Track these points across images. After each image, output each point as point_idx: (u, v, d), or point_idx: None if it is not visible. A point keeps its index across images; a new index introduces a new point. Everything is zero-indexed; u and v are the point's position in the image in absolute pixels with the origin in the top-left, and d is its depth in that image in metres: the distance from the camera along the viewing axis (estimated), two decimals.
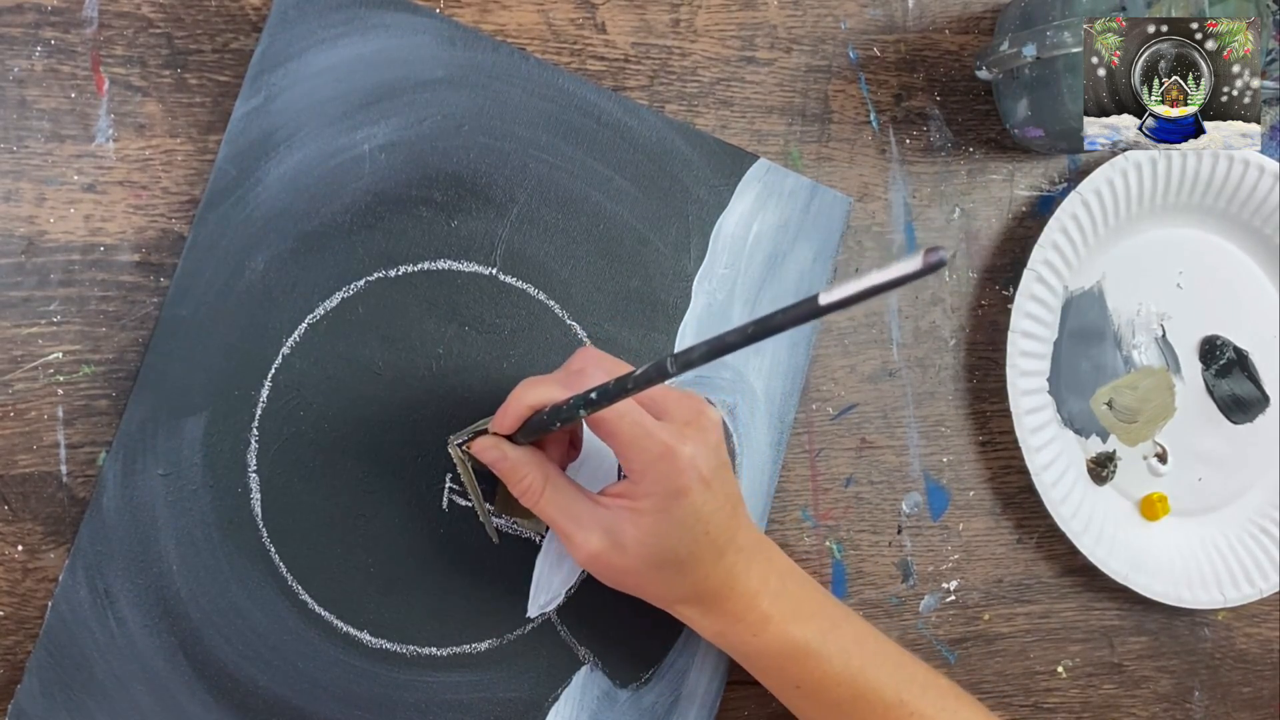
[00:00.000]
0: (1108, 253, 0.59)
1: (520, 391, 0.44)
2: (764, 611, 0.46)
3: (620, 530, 0.44)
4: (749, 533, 0.46)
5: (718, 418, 0.45)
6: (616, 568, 0.45)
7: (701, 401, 0.45)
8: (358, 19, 0.49)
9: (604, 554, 0.44)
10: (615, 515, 0.44)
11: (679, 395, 0.45)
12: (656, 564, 0.44)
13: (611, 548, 0.44)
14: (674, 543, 0.44)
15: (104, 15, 0.47)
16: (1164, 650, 0.60)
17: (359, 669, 0.48)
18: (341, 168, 0.49)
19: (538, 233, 0.51)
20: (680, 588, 0.46)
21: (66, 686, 0.46)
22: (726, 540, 0.45)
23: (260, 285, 0.48)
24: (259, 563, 0.47)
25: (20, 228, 0.46)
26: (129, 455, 0.46)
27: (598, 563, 0.45)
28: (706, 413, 0.45)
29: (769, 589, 0.46)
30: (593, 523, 0.44)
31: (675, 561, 0.44)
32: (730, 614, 0.46)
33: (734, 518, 0.45)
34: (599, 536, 0.44)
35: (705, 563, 0.45)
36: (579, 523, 0.44)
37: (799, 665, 0.47)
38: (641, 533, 0.43)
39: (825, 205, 0.55)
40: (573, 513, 0.45)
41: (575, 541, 0.45)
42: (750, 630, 0.46)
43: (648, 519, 0.43)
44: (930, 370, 0.57)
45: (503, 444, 0.45)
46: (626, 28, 0.53)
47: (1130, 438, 0.60)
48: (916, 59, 0.57)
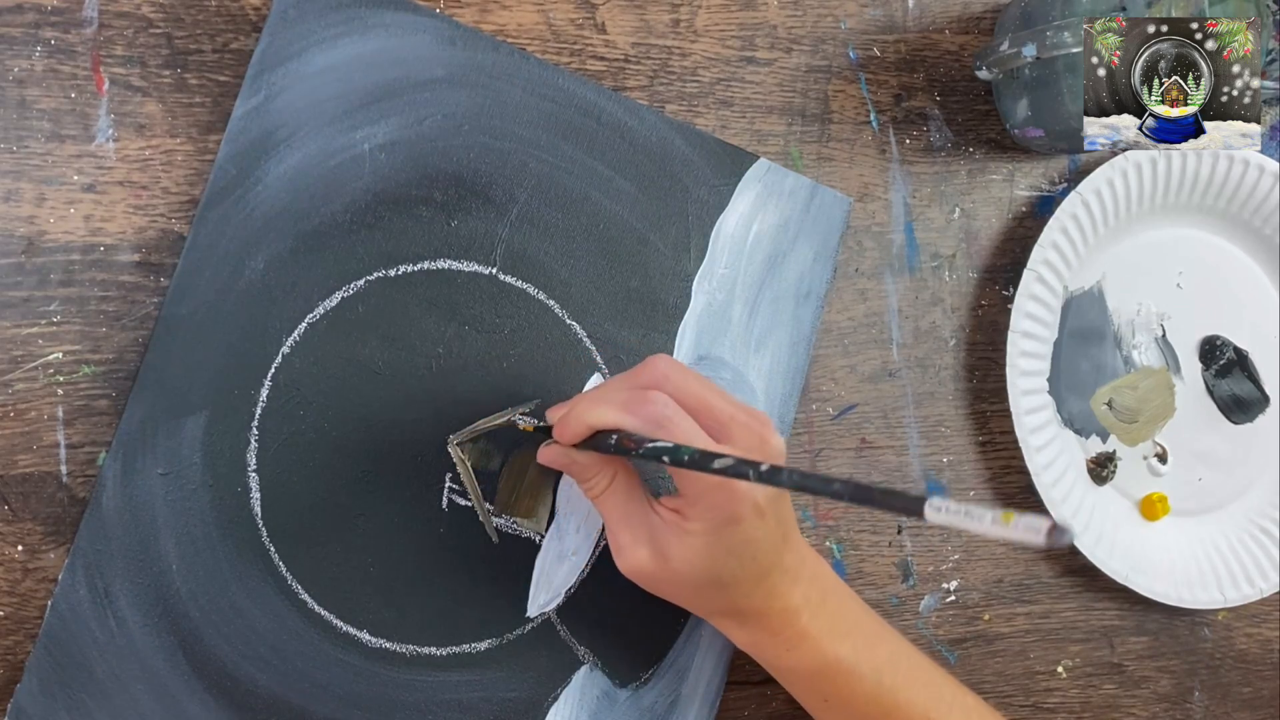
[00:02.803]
0: (1108, 253, 0.59)
1: (583, 408, 0.43)
2: (801, 628, 0.45)
3: (667, 544, 0.43)
4: (796, 553, 0.46)
5: (780, 446, 0.44)
6: (658, 579, 0.44)
7: (766, 427, 0.44)
8: (357, 18, 0.49)
9: (647, 566, 0.44)
10: (666, 529, 0.43)
11: (745, 419, 0.44)
12: (699, 583, 0.44)
13: (655, 561, 0.44)
14: (719, 566, 0.43)
15: (104, 15, 0.47)
16: (1164, 650, 0.60)
17: (358, 668, 0.48)
18: (341, 167, 0.49)
19: (538, 232, 0.51)
20: (719, 604, 0.46)
21: (66, 686, 0.46)
22: (773, 564, 0.44)
23: (260, 285, 0.48)
24: (259, 562, 0.47)
25: (20, 228, 0.46)
26: (129, 455, 0.46)
27: (639, 574, 0.45)
28: (770, 441, 0.44)
29: (809, 606, 0.46)
30: (642, 531, 0.44)
31: (718, 582, 0.44)
32: (767, 629, 0.46)
33: (784, 542, 0.45)
34: (645, 548, 0.44)
35: (747, 584, 0.44)
36: (630, 527, 0.44)
37: (830, 682, 0.46)
38: (688, 551, 0.43)
39: (825, 205, 0.55)
40: (628, 515, 0.44)
41: (622, 547, 0.44)
42: (785, 645, 0.46)
43: (697, 540, 0.43)
44: (930, 370, 0.57)
45: (570, 450, 0.45)
46: (626, 28, 0.53)
47: (1130, 438, 0.60)
48: (916, 59, 0.57)
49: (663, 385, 0.43)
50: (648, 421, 0.42)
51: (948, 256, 0.57)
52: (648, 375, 0.44)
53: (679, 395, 0.43)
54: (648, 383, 0.43)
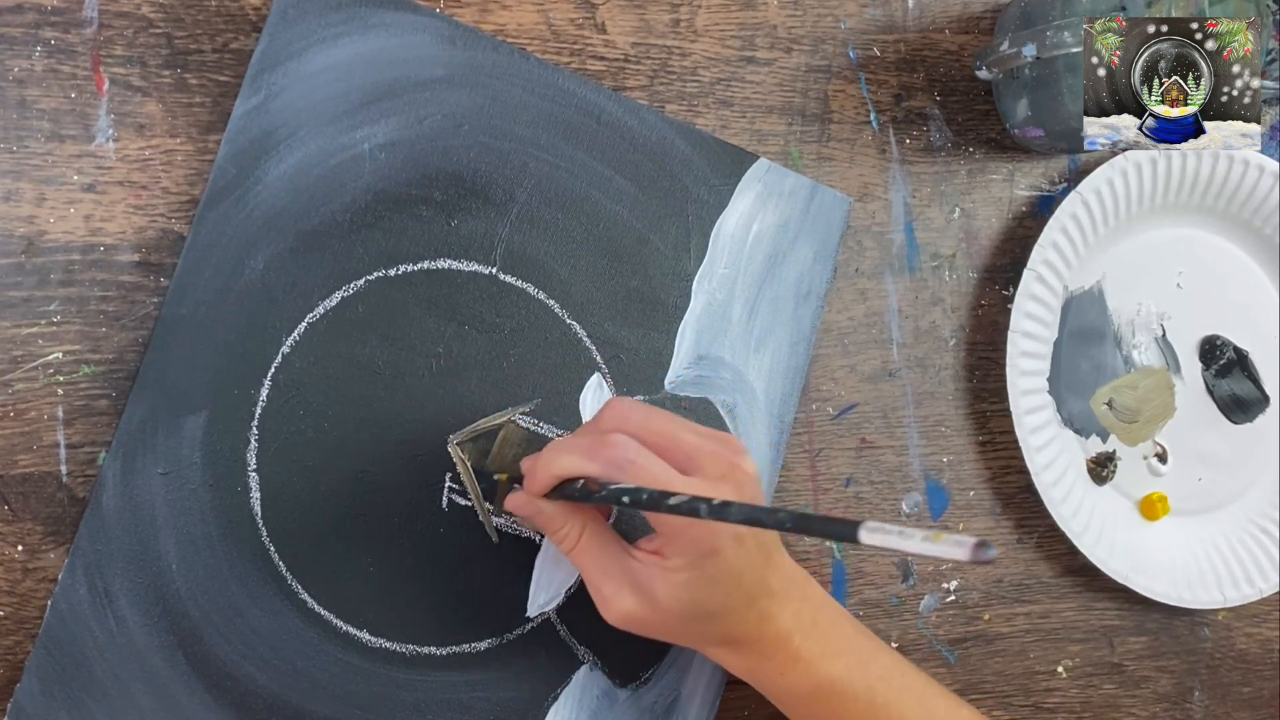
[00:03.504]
0: (1108, 253, 0.59)
1: (548, 458, 0.43)
2: (794, 651, 0.46)
3: (651, 587, 0.43)
4: (783, 574, 0.46)
5: (754, 470, 0.44)
6: (648, 623, 0.44)
7: (737, 452, 0.44)
8: (357, 18, 0.49)
9: (635, 613, 0.44)
10: (647, 571, 0.43)
11: (713, 448, 0.43)
12: (688, 618, 0.44)
13: (642, 605, 0.44)
14: (705, 597, 0.43)
15: (104, 15, 0.47)
16: (1164, 650, 0.60)
17: (358, 668, 0.48)
18: (341, 167, 0.49)
19: (538, 232, 0.51)
20: (712, 634, 0.46)
21: (66, 685, 0.46)
22: (759, 589, 0.44)
23: (260, 284, 0.48)
24: (258, 562, 0.47)
25: (20, 228, 0.46)
26: (129, 455, 0.46)
27: (629, 621, 0.45)
28: (741, 466, 0.44)
29: (800, 628, 0.46)
30: (623, 579, 0.44)
31: (707, 614, 0.44)
32: (760, 654, 0.46)
33: (767, 565, 0.45)
34: (630, 595, 0.44)
35: (737, 612, 0.44)
36: (611, 577, 0.44)
37: (824, 703, 0.46)
38: (673, 589, 0.43)
39: (825, 205, 0.55)
40: (605, 566, 0.44)
41: (605, 597, 0.44)
42: (778, 669, 0.46)
43: (680, 575, 0.43)
44: (930, 370, 0.57)
45: (537, 500, 0.45)
46: (626, 28, 0.53)
47: (1130, 438, 0.60)
48: (916, 59, 0.57)
49: (623, 427, 0.43)
50: (609, 465, 0.42)
51: (948, 256, 0.57)
52: (608, 419, 0.44)
53: (642, 433, 0.43)
54: (609, 426, 0.43)
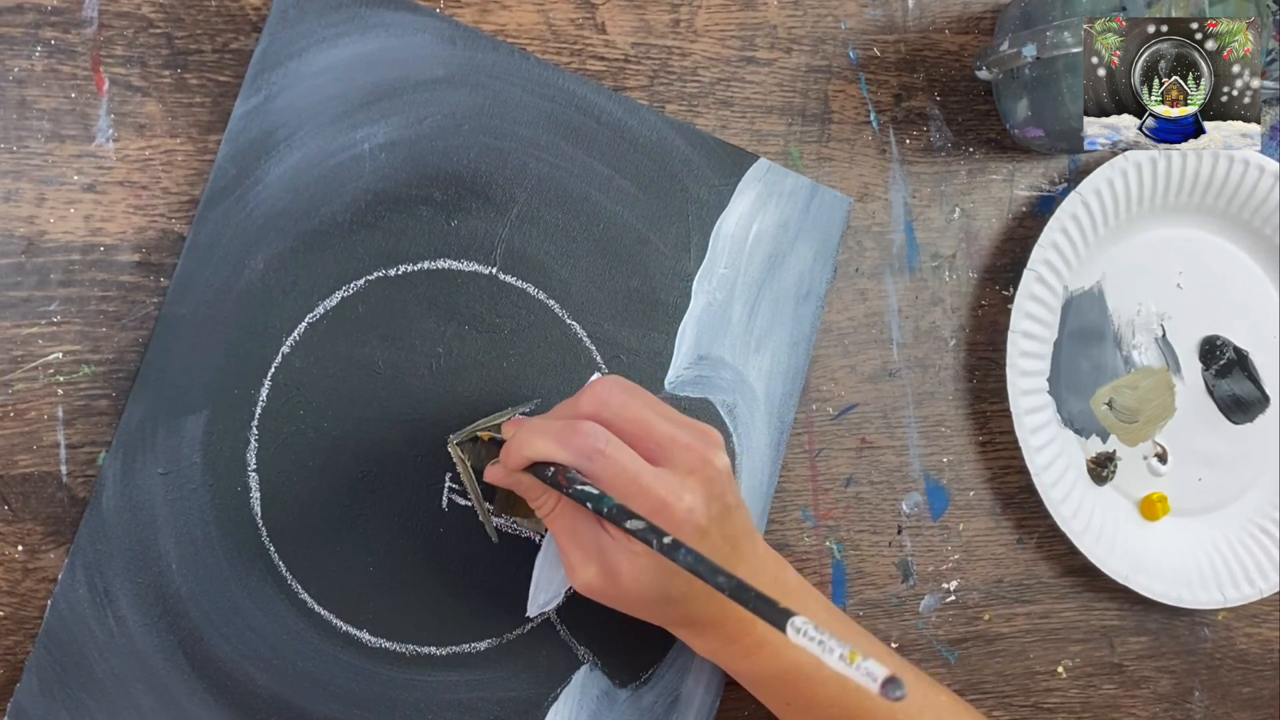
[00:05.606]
0: (1108, 253, 0.59)
1: (521, 438, 0.43)
2: (758, 635, 0.46)
3: (616, 563, 0.43)
4: (751, 563, 0.46)
5: (724, 465, 0.44)
6: (609, 596, 0.45)
7: (710, 446, 0.44)
8: (358, 18, 0.49)
9: (597, 585, 0.44)
10: (615, 548, 0.43)
11: (687, 440, 0.43)
12: (649, 599, 0.44)
13: (605, 580, 0.44)
14: (666, 583, 0.44)
15: (104, 15, 0.47)
16: (1164, 650, 0.60)
17: (358, 668, 0.48)
18: (341, 167, 0.49)
19: (538, 232, 0.51)
20: (673, 616, 0.46)
21: (66, 685, 0.46)
22: None
23: (260, 284, 0.48)
24: (258, 562, 0.47)
25: (20, 228, 0.46)
26: (129, 454, 0.46)
27: (591, 592, 0.45)
28: (712, 461, 0.43)
29: None
30: (592, 550, 0.44)
31: (668, 599, 0.44)
32: (723, 637, 0.46)
33: (733, 556, 0.44)
34: (594, 567, 0.44)
35: (699, 598, 0.44)
36: (580, 547, 0.44)
37: (791, 686, 0.47)
38: (636, 570, 0.43)
39: (825, 205, 0.55)
40: (577, 535, 0.44)
41: (573, 565, 0.45)
42: (742, 652, 0.46)
43: (644, 559, 0.43)
44: (930, 370, 0.57)
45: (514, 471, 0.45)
46: (626, 28, 0.53)
47: (1130, 438, 0.60)
48: (916, 59, 0.57)
49: (601, 410, 0.43)
50: (578, 453, 0.42)
51: (948, 256, 0.57)
52: (586, 401, 0.44)
53: (617, 419, 0.43)
54: (586, 409, 0.43)
